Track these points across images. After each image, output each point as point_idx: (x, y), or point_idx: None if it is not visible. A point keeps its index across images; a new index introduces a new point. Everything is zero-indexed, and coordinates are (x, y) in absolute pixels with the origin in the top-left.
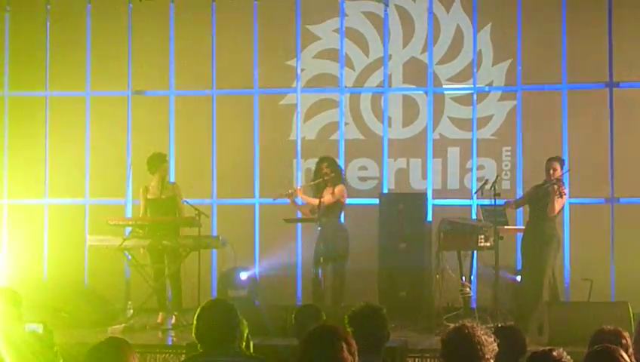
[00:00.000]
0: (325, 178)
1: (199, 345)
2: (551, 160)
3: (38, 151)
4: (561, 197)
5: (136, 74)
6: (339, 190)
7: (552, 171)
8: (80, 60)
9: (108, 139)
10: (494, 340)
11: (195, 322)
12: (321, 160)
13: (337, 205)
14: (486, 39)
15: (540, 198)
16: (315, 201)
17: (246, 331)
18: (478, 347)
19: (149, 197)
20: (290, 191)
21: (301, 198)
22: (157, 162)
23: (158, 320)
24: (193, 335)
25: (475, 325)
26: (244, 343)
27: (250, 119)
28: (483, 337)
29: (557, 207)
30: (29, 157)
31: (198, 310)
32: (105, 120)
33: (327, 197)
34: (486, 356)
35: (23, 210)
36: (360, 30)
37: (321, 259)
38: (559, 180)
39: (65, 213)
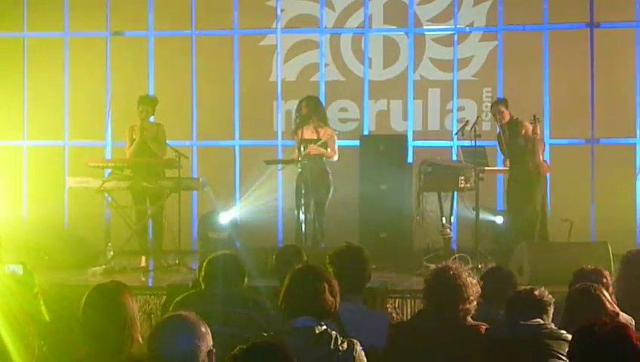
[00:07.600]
0: (313, 117)
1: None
2: (497, 103)
3: (17, 92)
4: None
5: (115, 14)
6: (334, 141)
7: (498, 115)
8: (58, 0)
9: (87, 81)
10: (478, 282)
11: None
12: (302, 99)
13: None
14: None
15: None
16: (323, 150)
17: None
18: (463, 289)
19: (134, 137)
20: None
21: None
22: (137, 104)
23: (142, 264)
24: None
25: (459, 266)
26: None
27: (229, 60)
28: (468, 279)
29: (538, 158)
30: (7, 99)
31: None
32: (83, 61)
33: (330, 153)
34: (470, 298)
35: (2, 152)
36: None
37: (302, 200)
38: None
39: (44, 155)
